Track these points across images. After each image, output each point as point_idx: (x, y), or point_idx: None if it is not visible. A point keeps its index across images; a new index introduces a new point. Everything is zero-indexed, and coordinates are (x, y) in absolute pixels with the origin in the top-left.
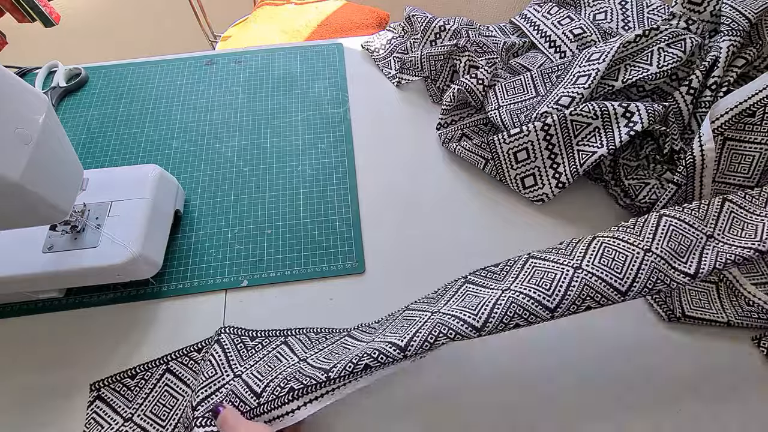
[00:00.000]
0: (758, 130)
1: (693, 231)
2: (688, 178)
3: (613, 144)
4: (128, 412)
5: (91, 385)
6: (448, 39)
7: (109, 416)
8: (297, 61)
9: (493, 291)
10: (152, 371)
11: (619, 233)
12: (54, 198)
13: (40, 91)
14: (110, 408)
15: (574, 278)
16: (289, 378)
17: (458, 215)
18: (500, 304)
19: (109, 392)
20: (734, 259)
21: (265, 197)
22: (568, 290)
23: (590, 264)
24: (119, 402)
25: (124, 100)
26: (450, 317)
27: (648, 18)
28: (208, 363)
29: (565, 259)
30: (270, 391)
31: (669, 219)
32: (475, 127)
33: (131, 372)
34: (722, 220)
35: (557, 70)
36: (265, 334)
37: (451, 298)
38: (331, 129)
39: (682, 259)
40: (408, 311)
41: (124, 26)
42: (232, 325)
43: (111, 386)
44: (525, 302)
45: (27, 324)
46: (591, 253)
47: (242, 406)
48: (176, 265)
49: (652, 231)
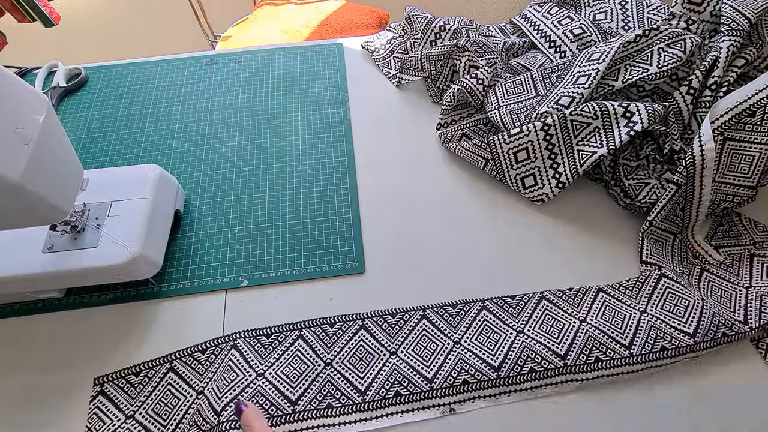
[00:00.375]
0: (758, 130)
1: (691, 293)
2: (688, 178)
3: (613, 144)
4: (130, 409)
5: (95, 379)
6: (448, 39)
7: (111, 412)
8: (297, 61)
9: (509, 330)
10: (156, 369)
11: (619, 294)
12: (54, 198)
13: (40, 91)
14: (112, 404)
15: (579, 330)
16: (324, 392)
17: (458, 215)
18: (515, 348)
19: (113, 388)
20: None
21: (265, 197)
22: (574, 340)
23: (594, 318)
24: (122, 398)
25: (124, 100)
26: (470, 354)
27: (648, 18)
28: (228, 368)
29: (573, 311)
30: (306, 401)
31: (667, 281)
32: (475, 127)
33: (135, 369)
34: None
35: (557, 70)
36: (280, 330)
37: (469, 327)
38: (331, 129)
39: (681, 318)
40: (426, 322)
41: (124, 26)
42: (246, 329)
43: (114, 382)
44: (536, 348)
45: (27, 324)
46: (595, 308)
47: (273, 409)
48: (176, 265)
49: (648, 293)
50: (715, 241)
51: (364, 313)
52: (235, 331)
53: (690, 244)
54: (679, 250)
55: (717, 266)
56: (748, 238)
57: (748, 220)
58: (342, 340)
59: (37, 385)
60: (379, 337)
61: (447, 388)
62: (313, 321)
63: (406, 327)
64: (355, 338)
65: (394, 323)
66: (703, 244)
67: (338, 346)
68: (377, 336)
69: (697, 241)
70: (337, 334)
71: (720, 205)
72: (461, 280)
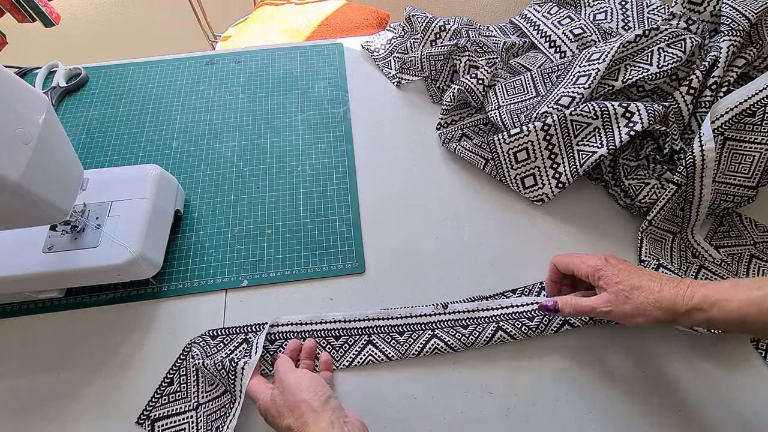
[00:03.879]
0: (758, 130)
1: None
2: (688, 178)
3: (613, 144)
4: (202, 366)
5: (188, 341)
6: (448, 39)
7: (190, 365)
8: (297, 61)
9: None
10: (232, 337)
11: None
12: (54, 198)
13: (40, 91)
14: (191, 357)
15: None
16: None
17: (458, 215)
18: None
19: (196, 346)
20: None
21: (265, 197)
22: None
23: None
24: (199, 353)
25: (124, 100)
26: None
27: (648, 18)
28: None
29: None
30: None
31: (664, 271)
32: (475, 127)
33: (212, 333)
34: None
35: (557, 70)
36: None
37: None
38: (331, 129)
39: None
40: (371, 347)
41: (124, 26)
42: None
43: (197, 342)
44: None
45: (27, 324)
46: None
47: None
48: (176, 265)
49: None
50: (716, 241)
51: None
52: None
53: (690, 243)
54: (678, 249)
55: (716, 264)
56: (748, 238)
57: (748, 220)
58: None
59: (37, 385)
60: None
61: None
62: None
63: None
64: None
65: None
66: (703, 244)
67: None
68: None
69: (697, 240)
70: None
71: (720, 205)
72: (461, 279)
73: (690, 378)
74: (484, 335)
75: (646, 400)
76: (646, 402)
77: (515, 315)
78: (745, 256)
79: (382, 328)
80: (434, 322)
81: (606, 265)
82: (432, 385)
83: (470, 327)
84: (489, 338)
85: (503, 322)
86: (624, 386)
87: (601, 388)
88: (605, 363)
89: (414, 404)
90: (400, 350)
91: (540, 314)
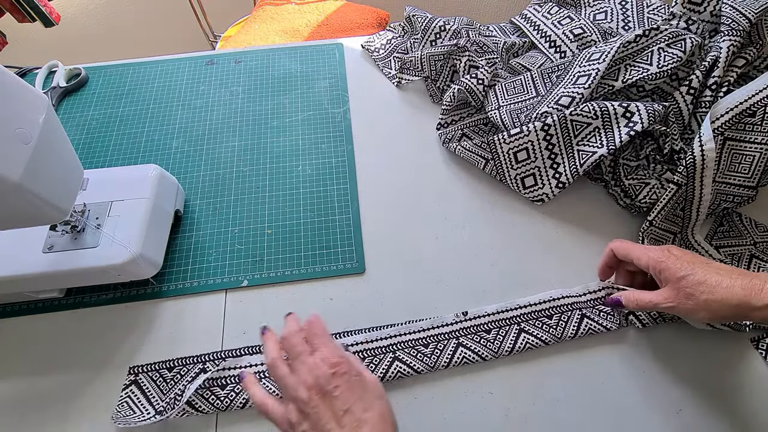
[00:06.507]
0: (758, 130)
1: None
2: (689, 178)
3: (613, 144)
4: (161, 405)
5: (130, 368)
6: (448, 39)
7: (141, 404)
8: (297, 61)
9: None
10: (189, 367)
11: (602, 320)
12: (54, 198)
13: (40, 91)
14: (144, 396)
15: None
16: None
17: (458, 215)
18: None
19: (146, 379)
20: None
21: (265, 197)
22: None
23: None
24: (153, 392)
25: (124, 100)
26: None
27: (648, 18)
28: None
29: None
30: None
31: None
32: (475, 127)
33: (169, 364)
34: None
35: (557, 70)
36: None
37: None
38: (331, 129)
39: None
40: (397, 362)
41: (124, 26)
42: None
43: (149, 374)
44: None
45: (27, 324)
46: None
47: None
48: (176, 265)
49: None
50: (716, 241)
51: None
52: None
53: (690, 243)
54: None
55: None
56: (748, 239)
57: (748, 220)
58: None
59: (37, 385)
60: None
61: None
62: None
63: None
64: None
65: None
66: (703, 244)
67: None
68: None
69: (697, 241)
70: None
71: (720, 205)
72: (461, 279)
73: (690, 378)
74: (508, 339)
75: (646, 400)
76: (646, 402)
77: (534, 314)
78: (745, 256)
79: (406, 342)
80: (457, 330)
81: (669, 258)
82: (432, 385)
83: (493, 331)
84: (513, 342)
85: (524, 323)
86: (624, 386)
87: (601, 388)
88: (605, 363)
89: (414, 404)
90: (429, 363)
91: (606, 309)
